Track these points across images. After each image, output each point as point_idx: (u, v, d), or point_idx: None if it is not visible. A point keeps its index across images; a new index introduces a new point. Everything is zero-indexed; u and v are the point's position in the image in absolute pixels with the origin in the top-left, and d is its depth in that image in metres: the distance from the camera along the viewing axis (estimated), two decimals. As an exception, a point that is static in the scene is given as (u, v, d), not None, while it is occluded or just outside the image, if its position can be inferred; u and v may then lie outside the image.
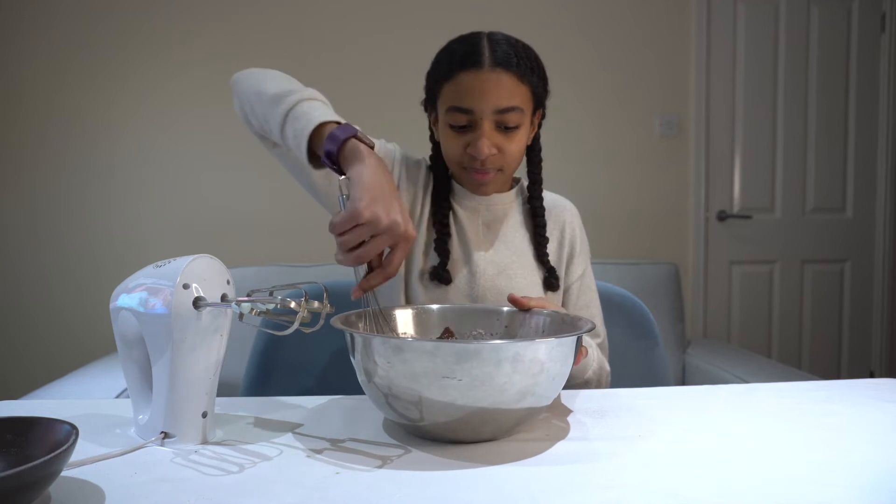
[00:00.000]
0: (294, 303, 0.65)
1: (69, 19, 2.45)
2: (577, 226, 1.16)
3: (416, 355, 0.64)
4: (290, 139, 0.85)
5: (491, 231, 1.09)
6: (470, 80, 0.96)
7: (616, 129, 2.69)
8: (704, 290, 2.79)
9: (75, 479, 0.60)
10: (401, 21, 2.57)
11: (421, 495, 0.57)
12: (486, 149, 0.97)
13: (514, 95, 0.97)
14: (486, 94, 0.96)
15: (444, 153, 1.05)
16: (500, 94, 0.96)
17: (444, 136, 1.02)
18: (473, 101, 0.96)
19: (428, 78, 1.05)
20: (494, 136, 0.98)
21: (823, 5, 2.81)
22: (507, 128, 0.98)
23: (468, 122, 0.98)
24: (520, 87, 0.98)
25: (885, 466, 0.64)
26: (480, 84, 0.96)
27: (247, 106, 0.93)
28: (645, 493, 0.57)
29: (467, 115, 0.97)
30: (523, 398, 0.66)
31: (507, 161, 1.01)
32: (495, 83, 0.96)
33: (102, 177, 2.49)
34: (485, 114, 0.97)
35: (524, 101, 0.99)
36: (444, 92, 1.00)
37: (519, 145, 1.01)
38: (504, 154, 1.00)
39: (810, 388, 0.95)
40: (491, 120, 0.97)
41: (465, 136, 0.99)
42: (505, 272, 1.07)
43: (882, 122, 2.89)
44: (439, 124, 1.04)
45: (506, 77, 0.96)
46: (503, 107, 0.97)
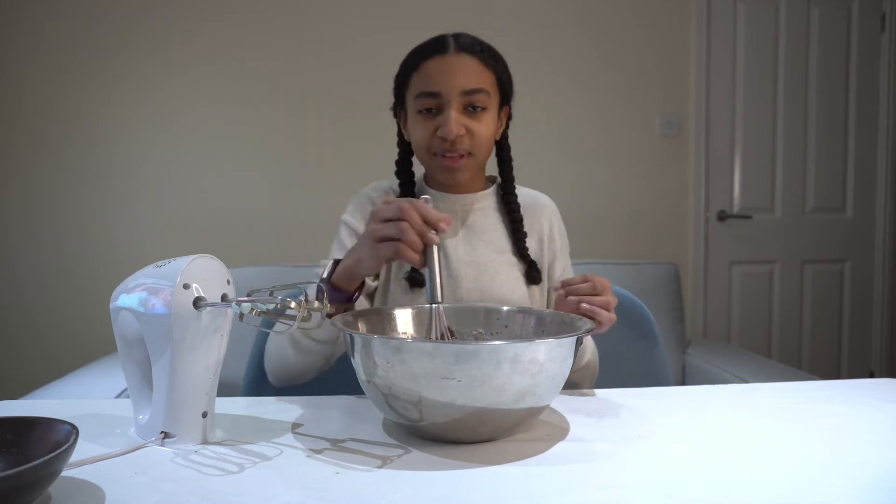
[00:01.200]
0: (294, 303, 0.65)
1: (69, 19, 2.45)
2: (557, 222, 1.17)
3: (416, 356, 0.64)
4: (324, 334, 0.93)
5: (470, 231, 1.09)
6: (436, 65, 1.00)
7: (616, 129, 2.69)
8: (704, 290, 2.79)
9: (75, 479, 0.60)
10: (401, 21, 2.57)
11: (421, 495, 0.57)
12: (454, 127, 0.98)
13: (480, 78, 1.00)
14: (452, 75, 0.99)
15: (414, 144, 1.06)
16: (466, 75, 0.99)
17: (413, 125, 1.04)
18: (440, 84, 0.99)
19: (396, 79, 1.08)
20: (462, 117, 1.00)
21: (823, 5, 2.81)
22: (474, 108, 1.01)
23: (436, 106, 1.00)
24: (485, 71, 1.01)
25: (885, 466, 0.64)
26: (446, 67, 0.99)
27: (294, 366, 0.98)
28: (645, 493, 0.57)
29: (435, 99, 1.00)
30: (523, 398, 0.66)
31: (476, 144, 1.02)
32: (461, 65, 1.00)
33: (102, 177, 2.49)
34: (452, 95, 0.99)
35: (490, 85, 1.02)
36: (411, 83, 1.03)
37: (487, 129, 1.03)
38: (473, 136, 1.01)
39: (810, 388, 0.95)
40: (458, 102, 0.99)
41: (434, 121, 1.01)
42: (486, 271, 1.07)
43: (882, 122, 2.89)
44: (409, 116, 1.05)
45: (470, 60, 1.00)
46: (469, 87, 0.99)
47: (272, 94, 2.53)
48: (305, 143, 2.55)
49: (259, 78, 2.52)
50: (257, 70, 2.52)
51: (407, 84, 1.04)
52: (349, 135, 2.57)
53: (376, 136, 2.54)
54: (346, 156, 2.56)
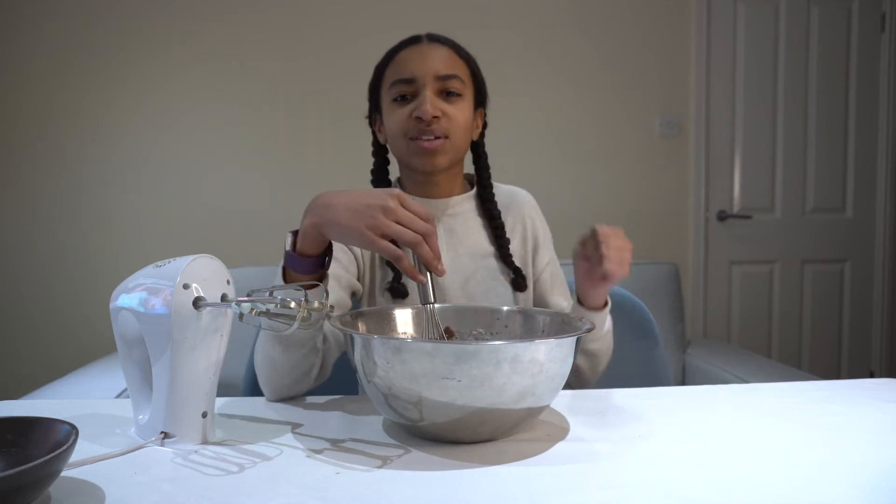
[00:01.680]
0: (294, 303, 0.65)
1: (69, 19, 2.45)
2: (537, 216, 1.16)
3: (415, 356, 0.64)
4: None
5: (452, 237, 1.07)
6: (410, 53, 1.02)
7: (616, 129, 2.69)
8: (704, 290, 2.79)
9: (75, 479, 0.60)
10: (401, 21, 2.57)
11: (421, 495, 0.57)
12: (429, 107, 0.98)
13: (454, 65, 1.02)
14: (425, 61, 1.00)
15: (390, 133, 1.05)
16: (440, 61, 1.01)
17: (389, 114, 1.04)
18: (414, 69, 1.00)
19: (370, 84, 1.09)
20: (438, 101, 1.00)
21: (823, 5, 2.81)
22: (449, 93, 1.01)
23: (411, 93, 1.01)
24: (458, 61, 1.03)
25: (885, 466, 0.64)
26: (420, 53, 1.01)
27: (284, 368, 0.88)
28: (645, 493, 0.57)
29: (410, 85, 1.00)
30: (523, 398, 0.66)
31: (453, 128, 1.01)
32: (434, 51, 1.01)
33: (102, 176, 2.49)
34: (427, 79, 1.00)
35: (464, 73, 1.03)
36: (385, 76, 1.04)
37: (464, 116, 1.02)
38: (449, 119, 1.00)
39: (810, 388, 0.95)
40: (433, 86, 1.00)
41: (410, 106, 1.01)
42: (472, 279, 1.05)
43: (882, 122, 2.89)
44: (384, 109, 1.05)
45: (443, 49, 1.02)
46: (443, 73, 1.00)
47: (272, 94, 2.53)
48: (305, 143, 2.55)
49: (259, 78, 2.52)
50: (257, 70, 2.52)
51: (381, 80, 1.05)
52: (349, 135, 2.57)
53: (376, 136, 2.55)
54: (345, 156, 2.55)
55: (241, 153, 2.54)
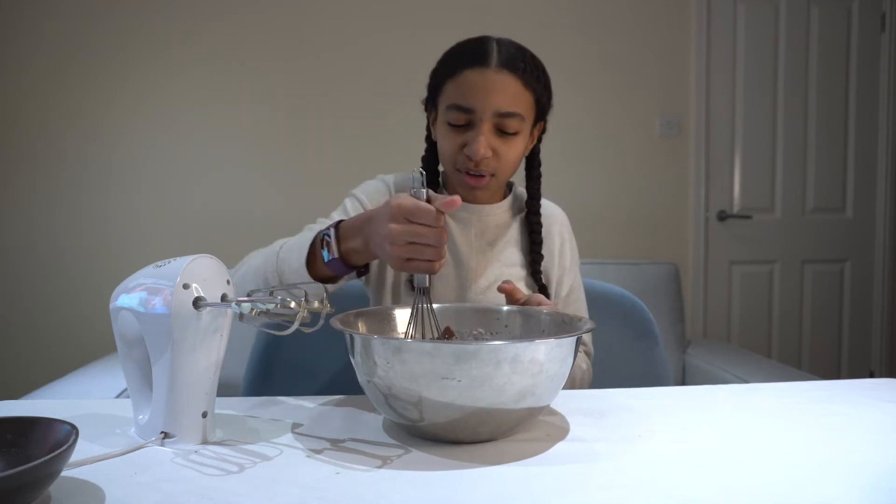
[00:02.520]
0: (294, 303, 0.65)
1: (69, 19, 2.45)
2: (568, 236, 1.15)
3: (415, 356, 0.64)
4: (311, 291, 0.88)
5: (483, 242, 1.07)
6: (474, 78, 0.94)
7: (616, 129, 2.69)
8: (704, 290, 2.79)
9: (75, 479, 0.60)
10: (401, 21, 2.57)
11: (421, 495, 0.57)
12: (482, 149, 0.95)
13: (517, 101, 0.95)
14: (488, 94, 0.94)
15: (440, 152, 1.03)
16: (503, 96, 0.94)
17: (441, 133, 1.00)
18: (475, 100, 0.94)
19: (432, 76, 1.03)
20: (492, 138, 0.96)
21: (823, 5, 2.81)
22: (505, 133, 0.96)
23: (467, 122, 0.96)
24: (524, 94, 0.96)
25: (885, 466, 0.64)
26: (484, 83, 0.94)
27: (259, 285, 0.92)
28: (645, 493, 0.57)
29: (467, 115, 0.95)
30: (523, 399, 0.66)
31: (502, 167, 0.99)
32: (499, 84, 0.94)
33: (102, 176, 2.49)
34: (485, 115, 0.95)
35: (526, 108, 0.97)
36: (446, 89, 0.98)
37: (516, 153, 0.99)
38: (499, 158, 0.97)
39: (810, 388, 0.95)
40: (490, 122, 0.95)
41: (463, 136, 0.97)
42: (496, 283, 1.05)
43: (882, 122, 2.89)
44: (438, 122, 1.02)
45: (511, 80, 0.94)
46: (504, 110, 0.95)
47: (272, 94, 2.53)
48: (305, 143, 2.56)
49: (259, 78, 2.52)
50: (257, 70, 2.52)
51: (441, 88, 0.99)
52: (349, 135, 2.57)
53: (376, 136, 2.55)
54: (345, 156, 2.56)
55: (241, 153, 2.54)
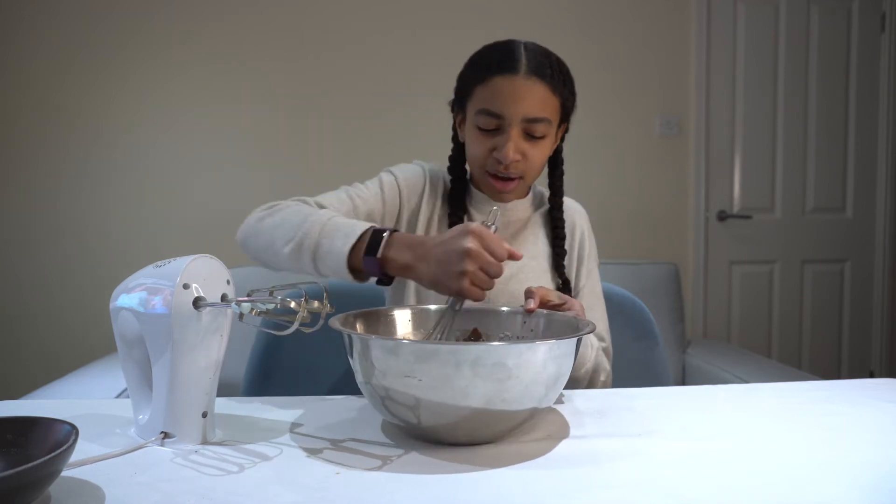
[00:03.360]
0: (294, 303, 0.65)
1: (69, 19, 2.45)
2: (587, 231, 1.18)
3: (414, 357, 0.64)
4: (331, 275, 0.88)
5: (506, 234, 1.10)
6: (503, 85, 0.97)
7: (616, 129, 2.69)
8: (704, 290, 2.79)
9: (75, 479, 0.60)
10: (401, 21, 2.57)
11: (421, 496, 0.57)
12: (511, 153, 0.97)
13: (545, 106, 0.98)
14: (518, 100, 0.96)
15: (468, 155, 1.06)
16: (532, 102, 0.97)
17: (470, 137, 1.03)
18: (504, 106, 0.97)
19: (460, 80, 1.05)
20: (521, 142, 0.99)
21: (823, 5, 2.81)
22: (533, 136, 0.99)
23: (497, 126, 0.99)
24: (551, 99, 0.99)
25: (885, 466, 0.64)
26: (514, 90, 0.96)
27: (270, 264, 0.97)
28: (645, 493, 0.57)
29: (496, 120, 0.98)
30: (523, 400, 0.66)
31: (530, 169, 1.02)
32: (528, 91, 0.96)
33: (102, 176, 2.49)
34: (514, 120, 0.97)
35: (553, 112, 1.00)
36: (475, 94, 1.00)
37: (543, 155, 1.02)
38: (528, 161, 1.00)
39: (810, 388, 0.95)
40: (519, 127, 0.98)
41: (492, 140, 1.00)
42: (517, 276, 1.07)
43: (882, 122, 2.89)
44: (467, 126, 1.04)
45: (539, 86, 0.97)
46: (533, 116, 0.97)
47: (272, 95, 2.53)
48: (305, 143, 2.55)
49: (259, 78, 2.52)
50: (257, 70, 2.52)
51: (470, 93, 1.02)
52: (349, 135, 2.57)
53: (377, 135, 2.55)
54: (346, 156, 2.56)
55: (241, 153, 2.53)
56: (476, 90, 1.00)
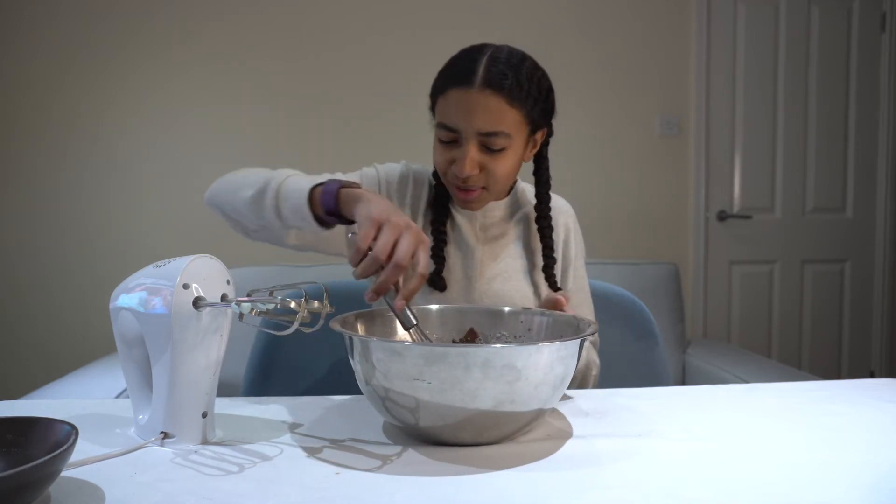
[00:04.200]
0: (294, 303, 0.65)
1: (69, 19, 2.45)
2: (574, 229, 1.16)
3: (414, 359, 0.64)
4: (290, 219, 0.88)
5: (488, 235, 1.10)
6: (458, 98, 0.95)
7: (616, 129, 2.69)
8: (704, 290, 2.79)
9: (75, 479, 0.60)
10: (401, 21, 2.57)
11: (421, 496, 0.57)
12: (467, 168, 0.96)
13: (501, 120, 0.95)
14: (471, 115, 0.95)
15: (435, 162, 1.05)
16: (486, 117, 0.94)
17: (434, 148, 1.03)
18: (459, 121, 0.96)
19: (432, 87, 1.04)
20: (479, 155, 0.97)
21: (823, 5, 2.81)
22: (491, 149, 0.97)
23: (454, 139, 0.98)
24: (508, 111, 0.95)
25: (885, 466, 0.64)
26: (466, 104, 0.94)
27: (234, 215, 0.96)
28: (645, 493, 0.57)
29: (453, 133, 0.97)
30: (507, 404, 0.66)
31: (493, 181, 1.00)
32: (482, 105, 0.94)
33: (102, 176, 2.49)
34: (468, 134, 0.96)
35: (512, 125, 0.96)
36: (437, 105, 1.00)
37: (505, 167, 0.99)
38: (488, 173, 0.99)
39: (810, 388, 0.95)
40: (475, 140, 0.96)
41: (452, 152, 0.99)
42: (501, 275, 1.07)
43: (882, 122, 2.89)
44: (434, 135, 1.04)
45: (493, 100, 0.94)
46: (487, 130, 0.95)
47: (272, 94, 2.53)
48: (305, 144, 2.55)
49: (259, 78, 2.52)
50: (257, 70, 2.52)
51: (435, 102, 1.01)
52: (349, 135, 2.57)
53: (376, 136, 2.55)
54: (346, 156, 2.55)
55: (241, 153, 2.53)
56: (438, 101, 1.00)
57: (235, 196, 0.94)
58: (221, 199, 0.97)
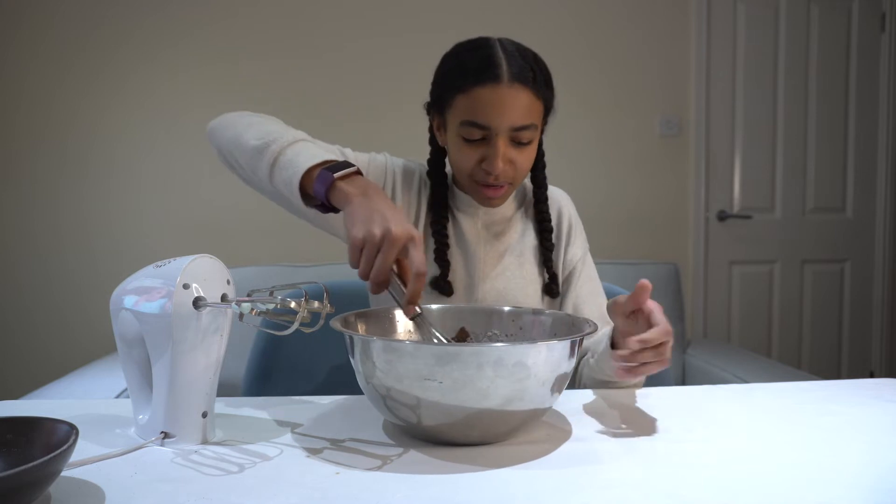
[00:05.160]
0: (294, 303, 0.65)
1: (69, 19, 2.45)
2: (572, 213, 1.16)
3: (404, 357, 0.64)
4: (281, 187, 0.85)
5: (490, 233, 1.10)
6: (487, 96, 0.94)
7: (616, 129, 2.69)
8: (704, 290, 2.79)
9: (75, 479, 0.60)
10: (402, 22, 2.57)
11: (421, 496, 0.57)
12: (500, 164, 0.96)
13: (531, 112, 0.96)
14: (504, 111, 0.94)
15: (453, 164, 1.04)
16: (518, 111, 0.95)
17: (455, 147, 1.01)
18: (490, 118, 0.95)
19: (438, 85, 1.02)
20: (508, 150, 0.97)
21: (823, 5, 2.81)
22: (520, 143, 0.98)
23: (482, 137, 0.97)
24: (535, 103, 0.97)
25: (885, 466, 0.64)
26: (499, 101, 0.94)
27: (230, 157, 0.94)
28: (645, 493, 0.57)
29: (483, 131, 0.96)
30: (517, 402, 0.66)
31: (519, 175, 1.01)
32: (514, 99, 0.94)
33: (102, 176, 2.49)
34: (501, 130, 0.95)
35: (538, 117, 0.98)
36: (456, 103, 0.98)
37: (530, 159, 1.01)
38: (515, 168, 0.99)
39: (810, 388, 0.95)
40: (506, 136, 0.96)
41: (479, 150, 0.98)
42: (504, 273, 1.07)
43: (882, 122, 2.89)
44: (450, 134, 1.02)
45: (524, 94, 0.95)
46: (520, 124, 0.95)
47: (272, 95, 2.53)
48: (305, 143, 2.55)
49: (259, 78, 2.52)
50: (257, 70, 2.52)
51: (450, 101, 0.99)
52: (349, 135, 2.56)
53: (377, 136, 2.55)
54: (346, 156, 2.55)
55: (241, 153, 2.53)
56: (457, 99, 0.97)
57: (237, 142, 0.90)
58: (222, 138, 0.94)
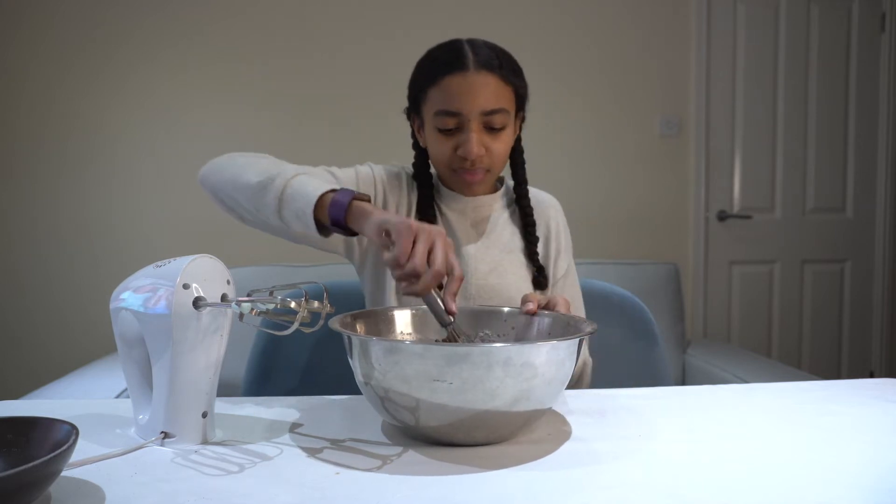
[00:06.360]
0: (294, 303, 0.65)
1: (69, 19, 2.45)
2: (562, 222, 1.18)
3: (412, 358, 0.64)
4: (291, 221, 0.88)
5: (479, 230, 1.11)
6: (456, 83, 0.98)
7: (616, 129, 2.69)
8: (704, 290, 2.79)
9: (75, 479, 0.60)
10: (402, 23, 2.57)
11: (421, 496, 0.57)
12: (475, 148, 0.99)
13: (500, 97, 1.00)
14: (472, 96, 0.98)
15: (432, 157, 1.07)
16: (487, 95, 0.98)
17: (432, 140, 1.04)
18: (461, 104, 0.98)
19: (411, 86, 1.07)
20: (482, 136, 1.01)
21: (823, 5, 2.81)
22: (493, 129, 1.01)
23: (456, 125, 1.00)
24: (504, 89, 1.00)
25: (885, 466, 0.64)
26: (467, 86, 0.98)
27: (228, 199, 0.96)
28: (645, 493, 0.57)
29: (455, 118, 0.99)
30: (522, 402, 0.66)
31: (495, 161, 1.04)
32: (481, 85, 0.98)
33: (102, 176, 2.49)
34: (472, 115, 0.99)
35: (508, 102, 1.02)
36: (429, 97, 1.02)
37: (505, 145, 1.04)
38: (491, 154, 1.02)
39: (810, 388, 0.95)
40: (478, 121, 1.00)
41: (454, 139, 1.01)
42: (496, 270, 1.08)
43: (882, 122, 2.89)
44: (426, 129, 1.05)
45: (491, 79, 0.99)
46: (490, 108, 0.99)
47: (273, 95, 2.53)
48: (306, 144, 2.55)
49: (260, 78, 2.52)
50: (258, 70, 2.52)
51: (424, 96, 1.03)
52: (349, 136, 2.57)
53: (377, 137, 2.55)
54: (346, 157, 2.55)
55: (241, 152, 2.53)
56: (429, 93, 1.02)
57: (235, 183, 0.93)
58: (217, 181, 0.96)
